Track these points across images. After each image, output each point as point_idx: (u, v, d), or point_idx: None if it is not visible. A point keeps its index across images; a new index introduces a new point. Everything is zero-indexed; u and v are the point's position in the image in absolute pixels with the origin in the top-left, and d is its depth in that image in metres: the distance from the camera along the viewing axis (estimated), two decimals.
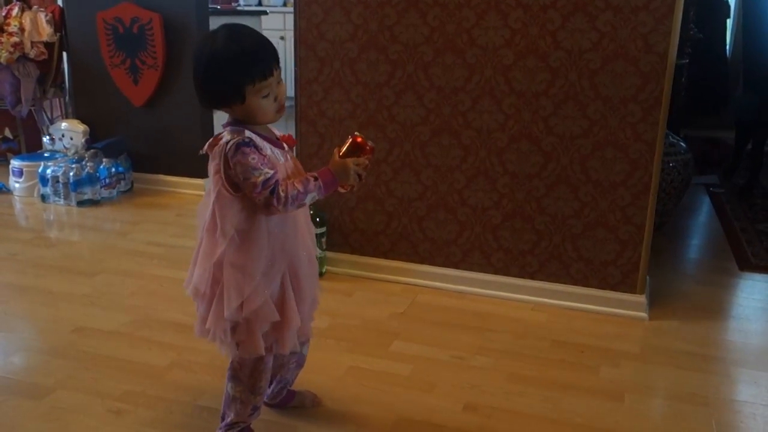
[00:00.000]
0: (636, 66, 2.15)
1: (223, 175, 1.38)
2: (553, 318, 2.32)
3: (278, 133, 1.51)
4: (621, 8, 2.12)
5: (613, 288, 2.34)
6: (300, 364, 1.71)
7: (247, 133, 1.38)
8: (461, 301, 2.44)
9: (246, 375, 1.52)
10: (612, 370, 2.01)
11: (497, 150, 2.35)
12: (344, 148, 1.46)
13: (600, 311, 2.35)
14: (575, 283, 2.38)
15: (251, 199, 1.38)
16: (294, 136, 2.57)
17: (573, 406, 1.82)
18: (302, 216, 1.52)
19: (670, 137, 2.96)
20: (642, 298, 2.33)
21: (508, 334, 2.20)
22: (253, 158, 1.35)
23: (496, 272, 2.46)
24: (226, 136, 1.39)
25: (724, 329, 2.34)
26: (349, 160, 1.44)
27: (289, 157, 1.48)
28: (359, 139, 1.47)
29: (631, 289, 2.33)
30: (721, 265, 2.89)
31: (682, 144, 3.12)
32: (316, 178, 1.40)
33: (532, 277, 2.43)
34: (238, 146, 1.35)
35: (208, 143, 1.42)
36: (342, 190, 1.48)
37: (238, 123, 1.42)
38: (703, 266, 2.96)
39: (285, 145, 1.49)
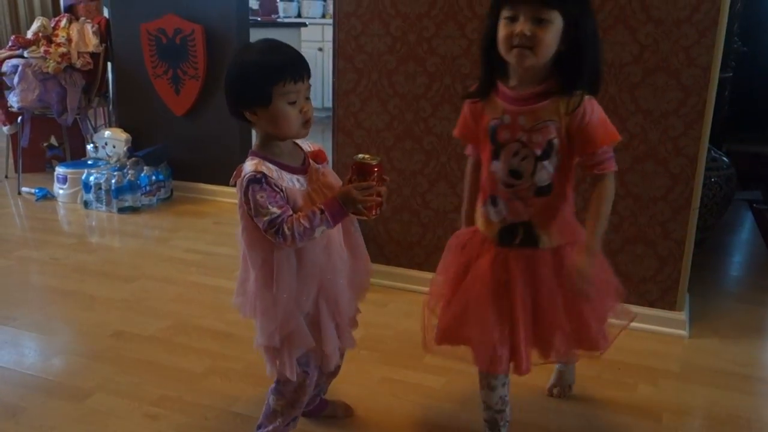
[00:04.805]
0: (678, 79, 2.12)
1: (245, 208, 1.39)
2: None
3: (309, 147, 1.50)
4: (663, 21, 2.10)
5: (652, 305, 2.30)
6: (334, 373, 1.71)
7: (262, 165, 1.37)
8: None
9: (290, 390, 1.53)
10: (650, 388, 1.97)
11: None
12: (349, 175, 1.42)
13: (638, 328, 2.30)
14: None
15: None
16: (330, 147, 2.60)
17: (609, 424, 1.79)
18: (336, 235, 1.49)
19: (712, 152, 2.90)
20: (681, 316, 2.29)
21: None
22: (262, 196, 1.34)
23: None
24: (246, 168, 1.39)
25: (766, 349, 2.27)
26: (351, 186, 1.38)
27: (316, 177, 1.45)
28: (356, 163, 1.40)
29: (671, 306, 2.28)
30: (764, 283, 2.82)
31: (724, 159, 3.06)
32: (322, 211, 1.36)
33: None
34: (249, 182, 1.35)
35: (234, 174, 1.42)
36: (360, 218, 1.43)
37: (263, 144, 1.42)
38: (746, 284, 2.89)
39: (313, 163, 1.47)
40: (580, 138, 1.39)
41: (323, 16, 6.76)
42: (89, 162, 3.88)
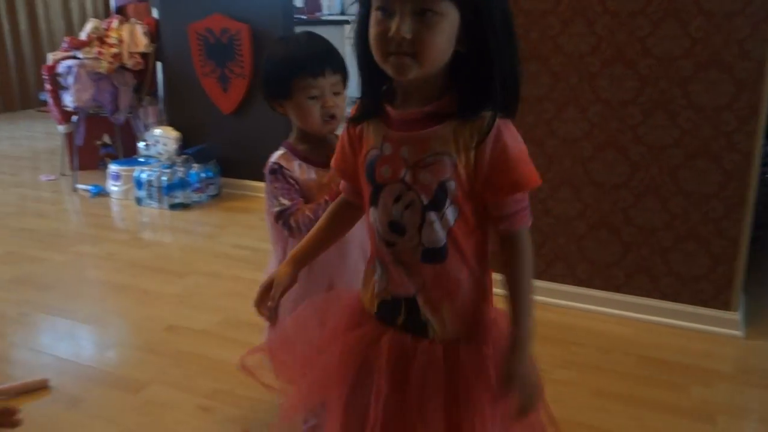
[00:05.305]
0: (731, 73, 2.07)
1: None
2: (640, 333, 2.25)
3: None
4: (714, 13, 2.05)
5: (705, 304, 2.25)
6: None
7: (284, 157, 1.42)
8: (543, 312, 2.40)
9: None
10: (703, 389, 1.93)
11: (582, 159, 2.30)
12: None
13: (690, 327, 2.26)
14: (664, 297, 2.30)
15: None
16: None
17: (661, 426, 1.76)
18: (356, 238, 1.38)
19: (767, 147, 2.82)
20: (736, 316, 2.23)
21: (592, 348, 2.15)
22: (276, 187, 1.40)
23: (580, 284, 2.41)
24: (272, 157, 1.44)
25: None
26: None
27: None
28: None
29: (725, 306, 2.23)
30: None
31: None
32: (327, 201, 1.36)
33: (617, 290, 2.36)
34: (269, 173, 1.42)
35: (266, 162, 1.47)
36: None
37: (294, 135, 1.46)
38: None
39: None
40: (491, 178, 0.96)
41: None
42: (141, 160, 3.98)
